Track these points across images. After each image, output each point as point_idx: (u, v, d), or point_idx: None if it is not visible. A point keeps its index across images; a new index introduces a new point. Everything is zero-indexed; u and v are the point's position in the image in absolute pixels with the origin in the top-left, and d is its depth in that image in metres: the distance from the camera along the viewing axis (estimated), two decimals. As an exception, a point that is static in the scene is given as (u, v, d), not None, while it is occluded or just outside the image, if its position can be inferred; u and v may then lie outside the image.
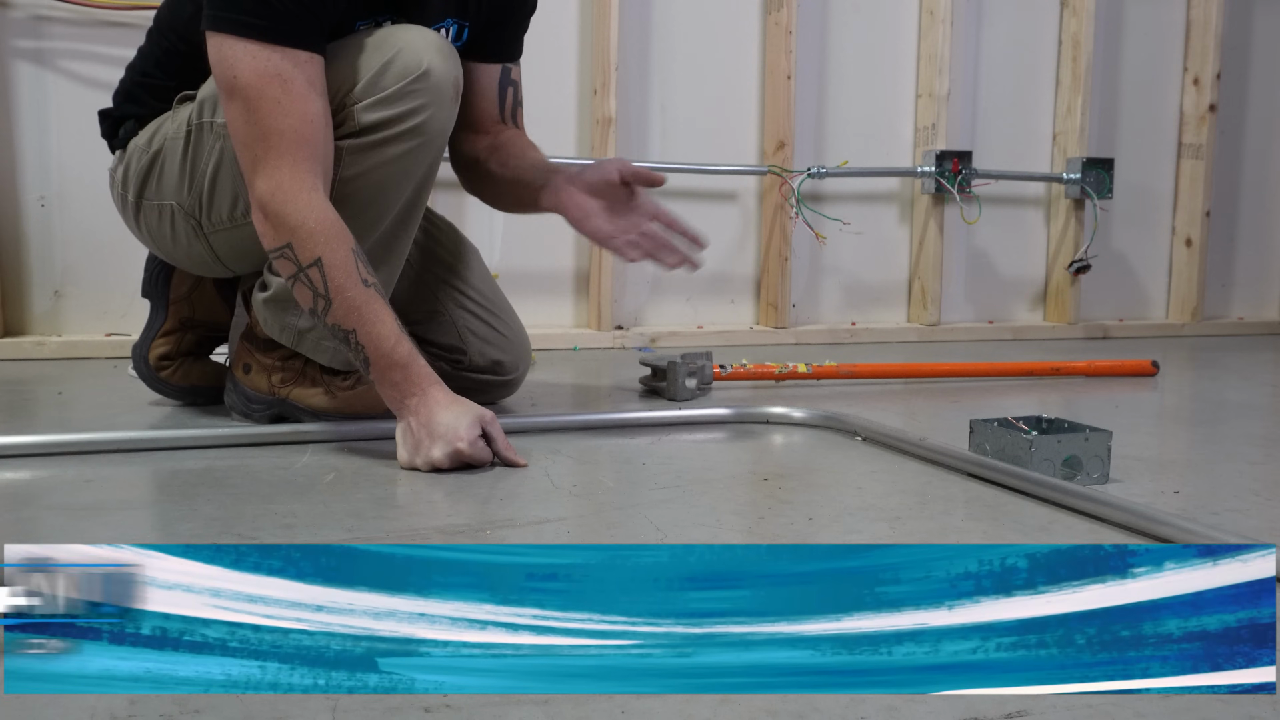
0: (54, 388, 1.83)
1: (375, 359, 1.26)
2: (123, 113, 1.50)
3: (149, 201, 1.46)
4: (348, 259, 1.24)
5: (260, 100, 1.22)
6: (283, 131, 1.23)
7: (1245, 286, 3.35)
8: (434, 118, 1.32)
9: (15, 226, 2.18)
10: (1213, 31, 3.08)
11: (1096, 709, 0.66)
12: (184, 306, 1.63)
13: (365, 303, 1.24)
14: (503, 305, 1.65)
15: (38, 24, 2.16)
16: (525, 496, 1.16)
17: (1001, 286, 3.06)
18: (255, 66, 1.22)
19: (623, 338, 2.57)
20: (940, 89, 2.81)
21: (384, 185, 1.33)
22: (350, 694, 0.65)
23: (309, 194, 1.24)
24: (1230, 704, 0.67)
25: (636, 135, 2.63)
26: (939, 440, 1.34)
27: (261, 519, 1.04)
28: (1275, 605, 0.67)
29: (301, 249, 1.24)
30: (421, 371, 1.27)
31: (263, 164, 1.24)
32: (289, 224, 1.24)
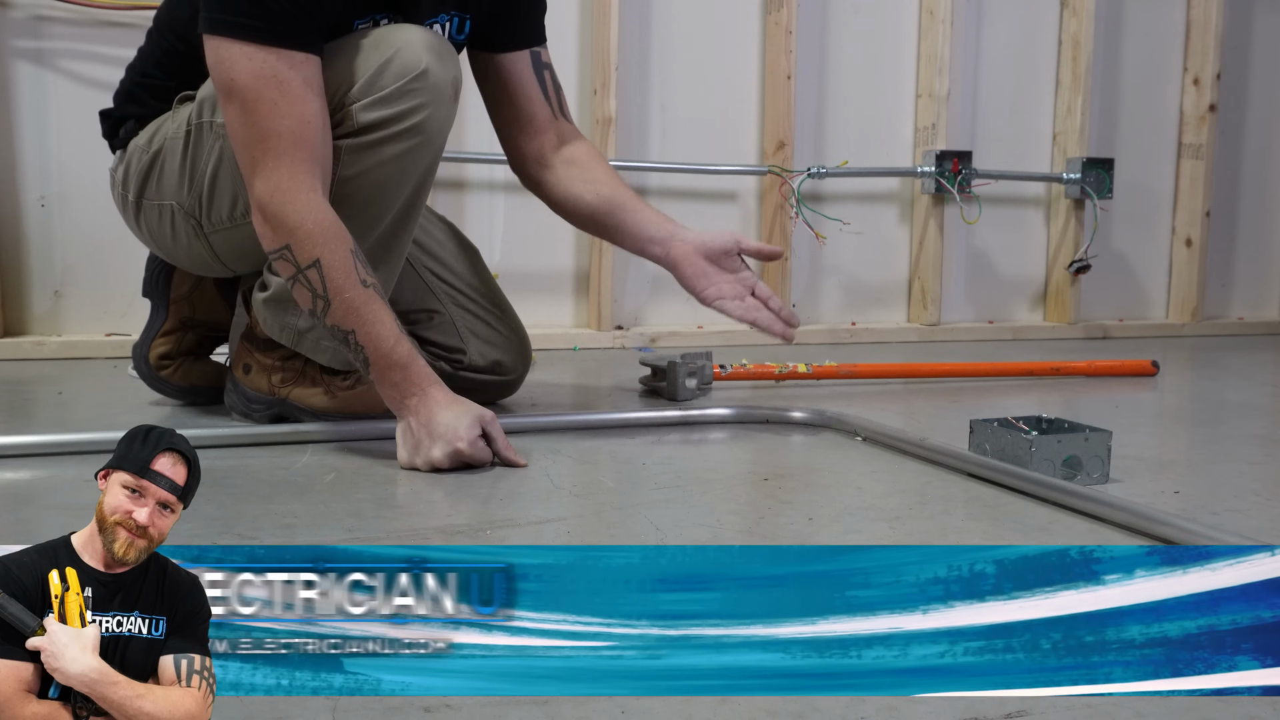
0: (54, 388, 1.83)
1: (375, 359, 1.26)
2: (123, 113, 1.50)
3: (149, 201, 1.46)
4: (346, 260, 1.24)
5: (257, 102, 1.22)
6: (280, 133, 1.23)
7: (1245, 286, 3.35)
8: (432, 117, 1.32)
9: (15, 226, 2.18)
10: (1213, 31, 3.08)
11: (1096, 709, 0.66)
12: (184, 306, 1.63)
13: (364, 303, 1.24)
14: (503, 305, 1.65)
15: (38, 24, 2.16)
16: (525, 496, 1.16)
17: (1001, 286, 3.06)
18: (251, 68, 1.22)
19: (623, 338, 2.57)
20: (940, 89, 2.81)
21: (383, 185, 1.33)
22: (314, 695, 0.65)
23: (307, 195, 1.24)
24: (1230, 704, 0.67)
25: (636, 135, 2.63)
26: (939, 440, 1.34)
27: (261, 519, 1.04)
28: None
29: (300, 250, 1.24)
30: (421, 371, 1.27)
31: (261, 165, 1.24)
32: (287, 225, 1.24)
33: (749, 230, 2.74)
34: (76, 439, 1.31)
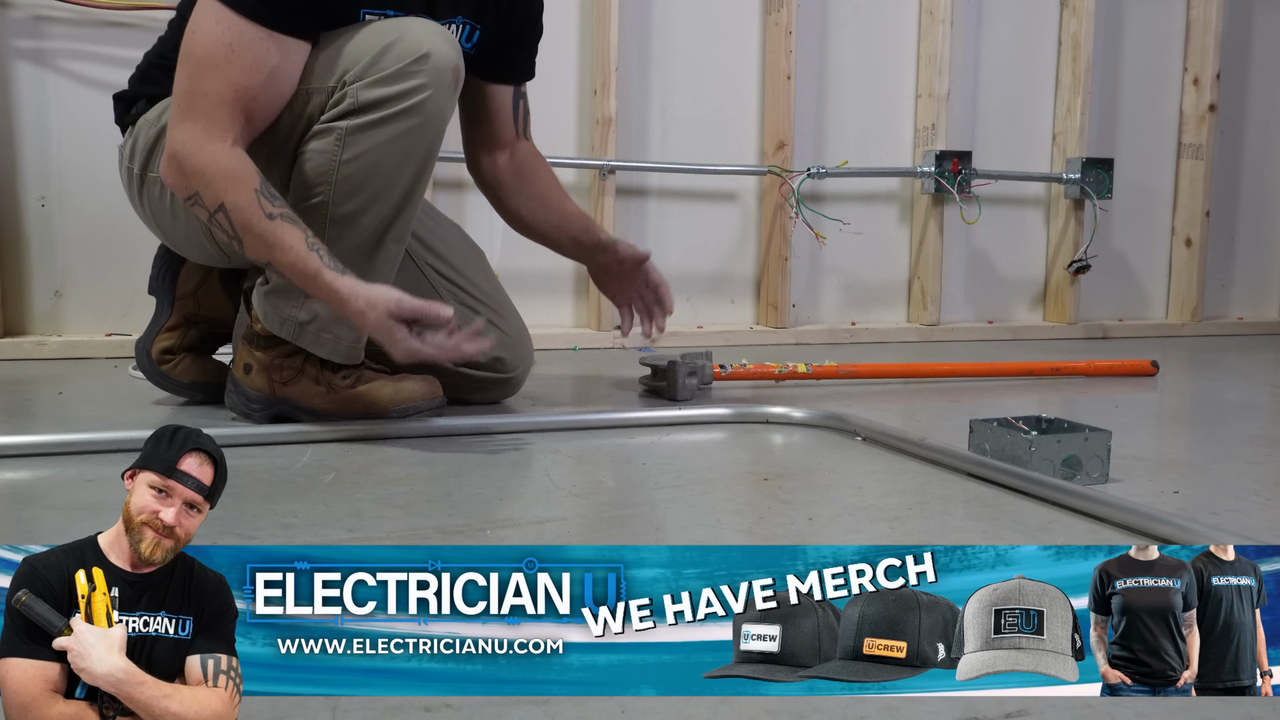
0: (54, 388, 1.83)
1: (297, 279, 1.31)
2: (136, 93, 1.53)
3: (152, 174, 1.48)
4: (250, 200, 1.29)
5: (204, 61, 1.29)
6: (209, 93, 1.29)
7: (1245, 286, 3.35)
8: (433, 98, 1.33)
9: (15, 226, 2.18)
10: (1213, 31, 3.08)
11: (1096, 709, 0.67)
12: (189, 302, 1.64)
13: (270, 234, 1.29)
14: (504, 303, 1.66)
15: (38, 24, 2.15)
16: (525, 496, 1.16)
17: (1001, 286, 3.06)
18: (214, 31, 1.28)
19: (623, 338, 2.57)
20: (940, 89, 2.81)
21: (383, 167, 1.34)
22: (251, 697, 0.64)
23: (216, 144, 1.29)
24: (1230, 704, 0.67)
25: (636, 135, 2.63)
26: (939, 440, 1.34)
27: (261, 519, 1.04)
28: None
29: (207, 195, 1.30)
30: (333, 278, 1.30)
31: (184, 118, 1.30)
32: (194, 172, 1.29)
33: (749, 230, 2.74)
34: (76, 439, 1.31)
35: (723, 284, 2.74)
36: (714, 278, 2.72)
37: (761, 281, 2.75)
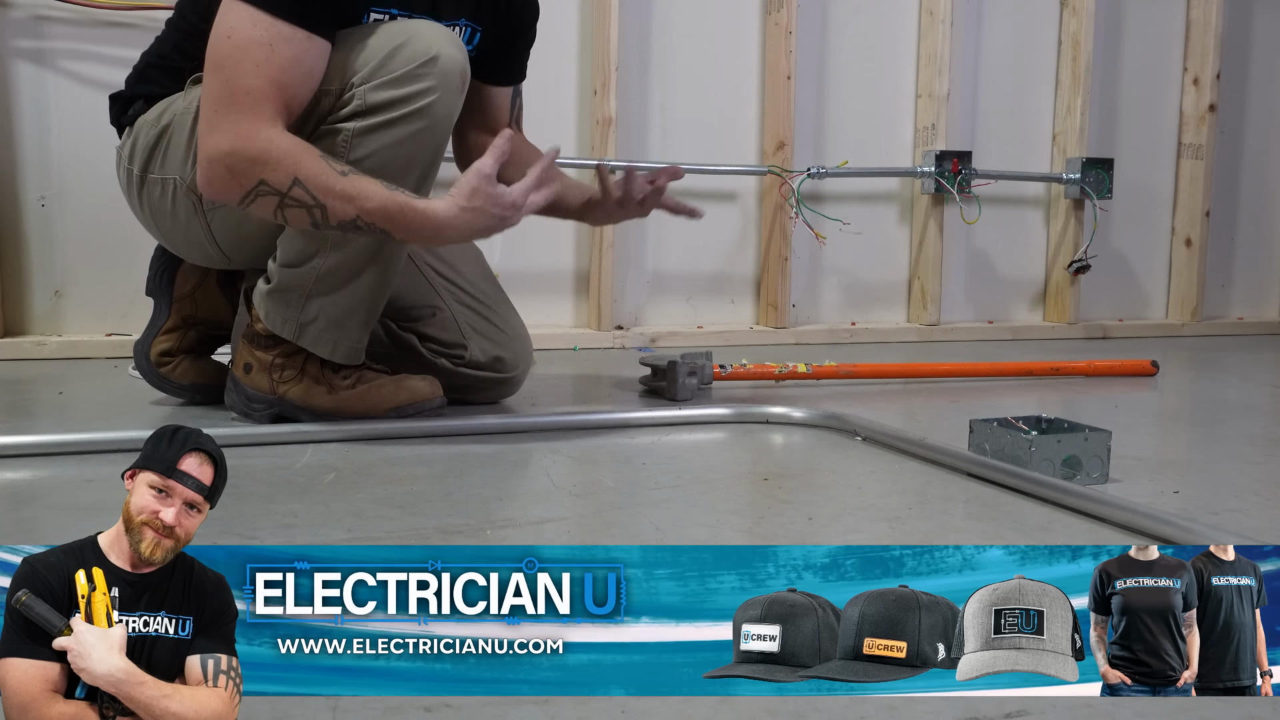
0: (54, 388, 1.83)
1: (389, 225, 1.29)
2: (134, 93, 1.52)
3: (153, 175, 1.47)
4: (320, 165, 1.28)
5: (241, 61, 1.27)
6: (250, 90, 1.27)
7: (1245, 286, 3.35)
8: (441, 101, 1.34)
9: (15, 226, 2.18)
10: (1213, 31, 3.08)
11: (1096, 709, 0.67)
12: (187, 304, 1.64)
13: (352, 186, 1.28)
14: (504, 303, 1.66)
15: (38, 24, 2.15)
16: (525, 496, 1.16)
17: (1001, 286, 3.06)
18: (250, 33, 1.27)
19: (623, 338, 2.57)
20: (940, 89, 2.81)
21: (389, 168, 1.33)
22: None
23: (267, 129, 1.28)
24: (1230, 704, 0.67)
25: (636, 135, 2.63)
26: (939, 440, 1.34)
27: (261, 519, 1.04)
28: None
29: (275, 176, 1.27)
30: (425, 204, 1.29)
31: (223, 121, 1.28)
32: (255, 160, 1.27)
33: (749, 230, 2.74)
34: (76, 439, 1.31)
35: (723, 284, 2.74)
36: (714, 278, 2.72)
37: (761, 281, 2.75)
